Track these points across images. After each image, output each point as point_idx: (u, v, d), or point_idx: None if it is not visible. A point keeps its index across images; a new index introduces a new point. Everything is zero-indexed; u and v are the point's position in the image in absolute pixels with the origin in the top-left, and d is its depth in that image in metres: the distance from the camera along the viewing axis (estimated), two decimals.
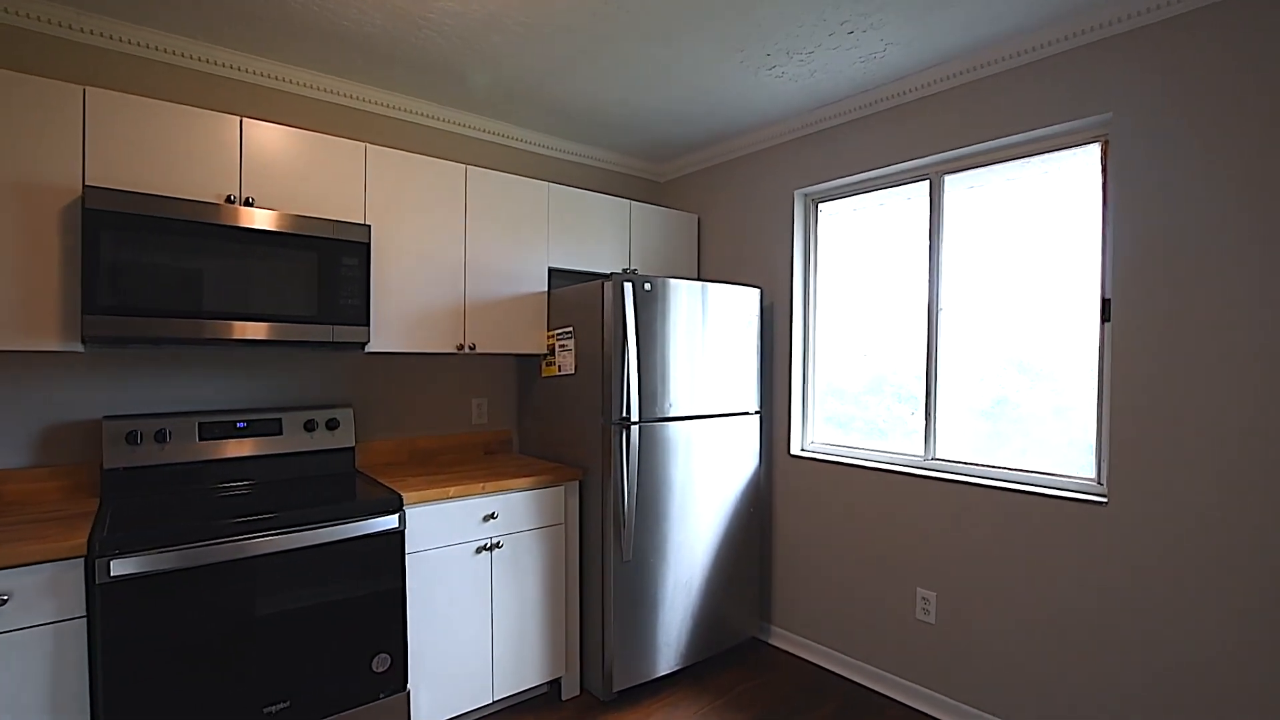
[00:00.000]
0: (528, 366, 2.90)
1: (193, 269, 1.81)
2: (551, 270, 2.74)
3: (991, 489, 2.20)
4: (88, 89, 1.74)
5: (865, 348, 2.72)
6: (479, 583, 2.20)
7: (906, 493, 2.44)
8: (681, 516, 2.57)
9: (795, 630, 2.86)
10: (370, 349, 2.21)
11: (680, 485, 2.56)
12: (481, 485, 2.20)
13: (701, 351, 2.63)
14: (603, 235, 2.88)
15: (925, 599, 2.37)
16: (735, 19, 1.98)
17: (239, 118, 1.97)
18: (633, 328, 2.37)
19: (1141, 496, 1.88)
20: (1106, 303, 2.00)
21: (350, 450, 2.39)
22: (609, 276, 2.39)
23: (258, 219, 1.91)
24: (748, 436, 2.81)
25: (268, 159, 2.01)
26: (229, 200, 1.94)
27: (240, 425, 2.17)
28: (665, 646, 2.52)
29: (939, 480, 2.34)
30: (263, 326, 1.93)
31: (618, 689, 2.39)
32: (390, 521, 1.95)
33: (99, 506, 1.85)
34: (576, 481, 2.48)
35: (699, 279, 3.25)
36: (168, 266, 1.77)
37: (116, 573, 1.53)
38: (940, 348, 2.44)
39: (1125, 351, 1.91)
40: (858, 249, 2.75)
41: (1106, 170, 2.01)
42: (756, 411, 2.84)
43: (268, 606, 1.74)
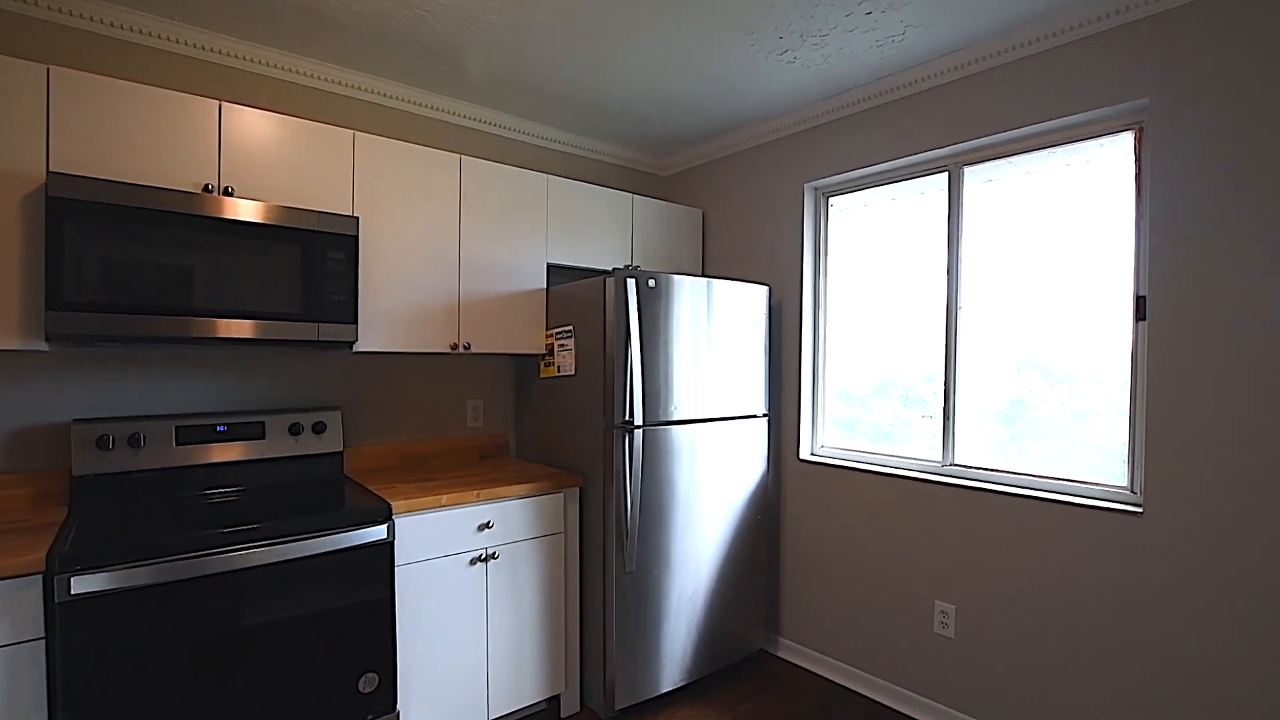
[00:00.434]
0: (526, 367, 2.78)
1: (166, 263, 1.69)
2: (550, 266, 2.62)
3: (1015, 497, 2.08)
4: (52, 68, 1.62)
5: (874, 348, 2.60)
6: (473, 596, 2.08)
7: (923, 500, 2.32)
8: (686, 524, 2.45)
9: (805, 643, 2.74)
10: (359, 348, 2.09)
11: (685, 492, 2.44)
12: (476, 492, 2.08)
13: (707, 351, 2.50)
14: (604, 230, 2.76)
15: (944, 611, 2.25)
16: None
17: (218, 102, 1.85)
18: (636, 326, 2.25)
19: (1180, 506, 1.76)
20: (1141, 300, 1.88)
21: (338, 455, 2.27)
22: (611, 273, 2.27)
23: (237, 209, 1.79)
24: (755, 440, 2.69)
25: (249, 146, 1.89)
26: (206, 189, 1.81)
27: (220, 429, 2.05)
28: (670, 661, 2.41)
29: (958, 487, 2.23)
30: (243, 324, 1.81)
31: (620, 706, 2.28)
32: (378, 532, 1.83)
33: (66, 517, 1.72)
34: (577, 488, 2.36)
35: (704, 276, 3.13)
36: (139, 260, 1.65)
37: (77, 590, 1.41)
38: (959, 348, 2.33)
39: (1162, 351, 1.80)
40: (867, 245, 2.63)
41: (1140, 159, 1.89)
42: (764, 414, 2.72)
43: (245, 625, 1.62)
